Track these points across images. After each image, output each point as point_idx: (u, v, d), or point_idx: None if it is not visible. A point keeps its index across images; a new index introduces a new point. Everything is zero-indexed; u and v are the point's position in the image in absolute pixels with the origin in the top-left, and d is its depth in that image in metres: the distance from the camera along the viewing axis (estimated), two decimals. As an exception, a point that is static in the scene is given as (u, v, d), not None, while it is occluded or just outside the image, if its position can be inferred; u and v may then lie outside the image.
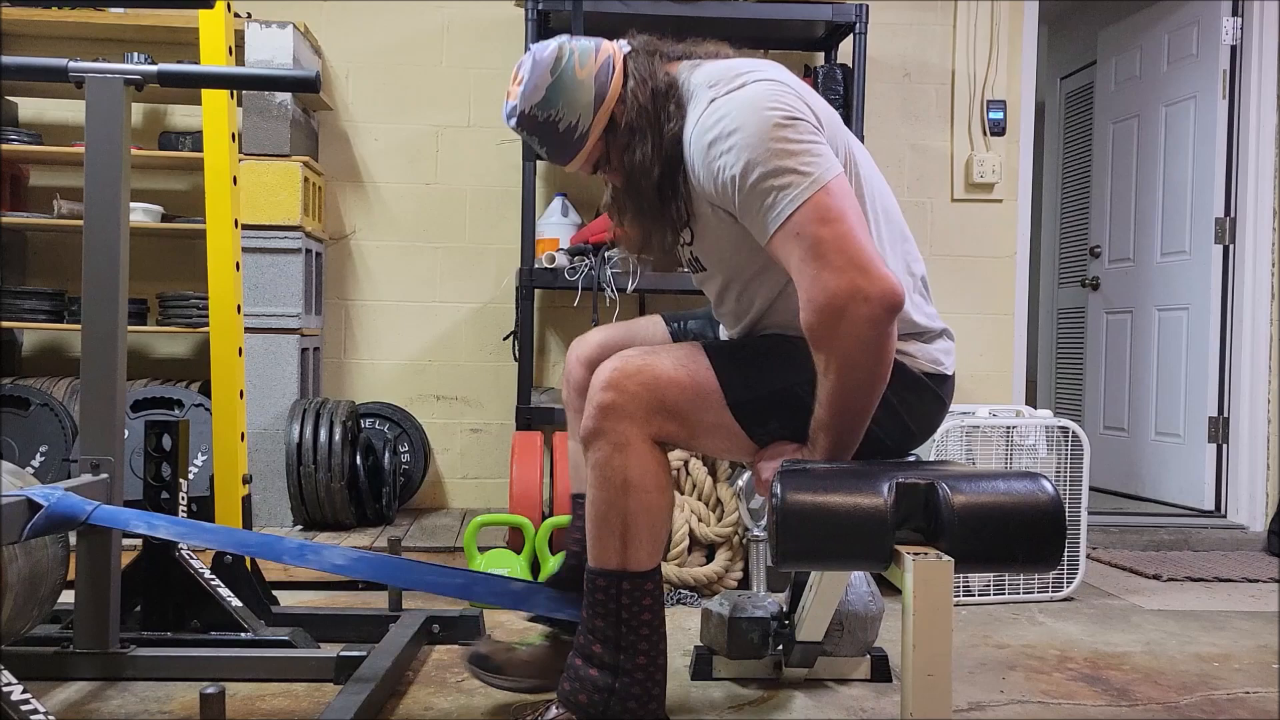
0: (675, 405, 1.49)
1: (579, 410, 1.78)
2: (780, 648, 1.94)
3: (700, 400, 1.50)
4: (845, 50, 3.40)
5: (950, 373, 1.62)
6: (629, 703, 1.52)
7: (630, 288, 3.00)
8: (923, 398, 1.58)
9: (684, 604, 2.62)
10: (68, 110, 3.51)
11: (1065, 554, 2.75)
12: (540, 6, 3.14)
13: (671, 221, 1.56)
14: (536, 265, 3.08)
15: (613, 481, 1.47)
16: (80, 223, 2.04)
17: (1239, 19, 3.83)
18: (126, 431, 2.42)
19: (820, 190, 1.36)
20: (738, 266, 1.58)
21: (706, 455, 1.79)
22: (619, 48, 1.59)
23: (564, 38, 1.58)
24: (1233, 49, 3.84)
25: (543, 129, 1.55)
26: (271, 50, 3.11)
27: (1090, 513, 2.88)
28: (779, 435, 1.54)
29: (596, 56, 1.54)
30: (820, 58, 3.66)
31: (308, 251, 3.25)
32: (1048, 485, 1.35)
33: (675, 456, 2.60)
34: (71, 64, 1.86)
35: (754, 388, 1.52)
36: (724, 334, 1.82)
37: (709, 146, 1.42)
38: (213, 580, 2.06)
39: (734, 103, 1.42)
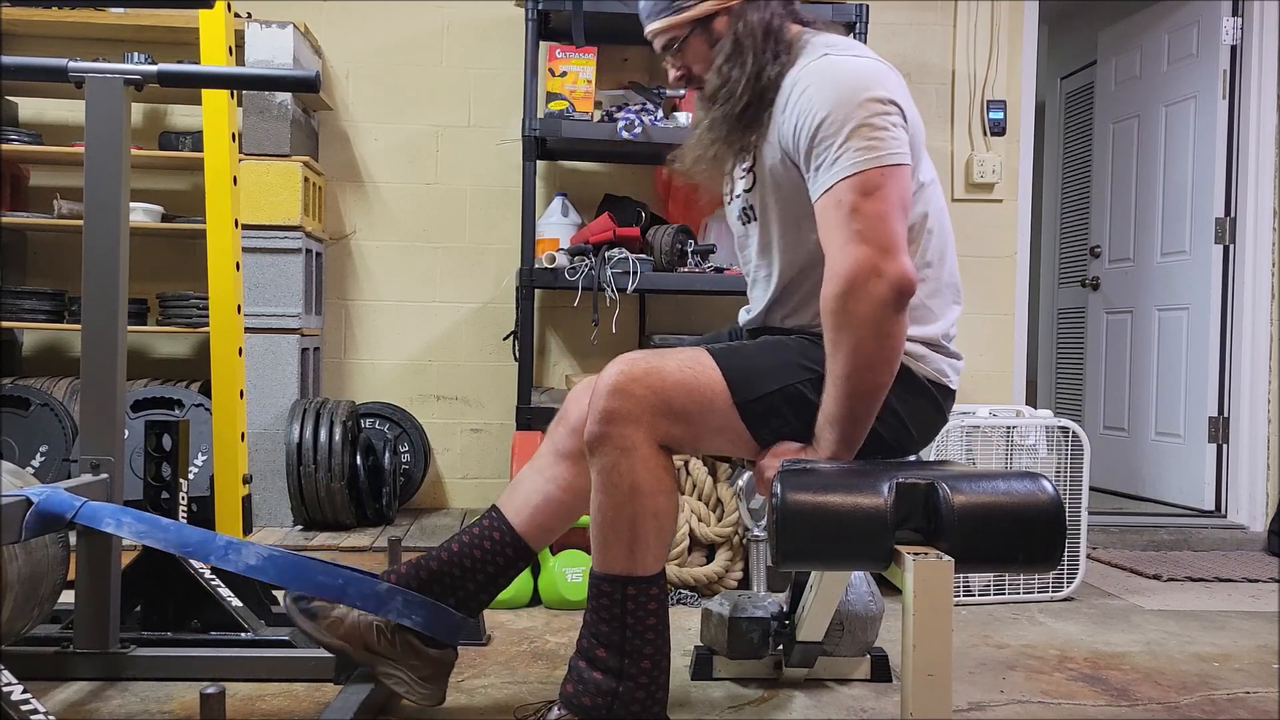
0: (681, 409, 1.49)
1: (562, 440, 1.72)
2: (780, 648, 1.94)
3: (706, 403, 1.51)
4: (845, 50, 3.40)
5: (953, 388, 1.64)
6: (632, 707, 1.52)
7: (630, 288, 3.00)
8: (923, 403, 1.60)
9: (684, 604, 2.62)
10: (68, 110, 3.51)
11: (1065, 554, 2.75)
12: (540, 6, 3.13)
13: (739, 149, 1.60)
14: (536, 265, 3.08)
15: (619, 487, 1.47)
16: (80, 223, 2.04)
17: (1239, 19, 3.83)
18: (126, 431, 2.42)
19: (879, 168, 1.42)
20: (784, 225, 1.61)
21: (708, 456, 1.79)
22: None
23: None
24: (1233, 49, 3.84)
25: None
26: (271, 50, 3.11)
27: (1090, 513, 2.88)
28: (782, 434, 1.55)
29: None
30: (820, 58, 3.65)
31: (308, 251, 3.25)
32: (1048, 485, 1.35)
33: (675, 457, 2.60)
34: (71, 64, 1.86)
35: (759, 387, 1.53)
36: (742, 317, 1.83)
37: (808, 88, 1.49)
38: (213, 580, 2.06)
39: (847, 66, 1.50)
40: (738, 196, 1.70)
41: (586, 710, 1.52)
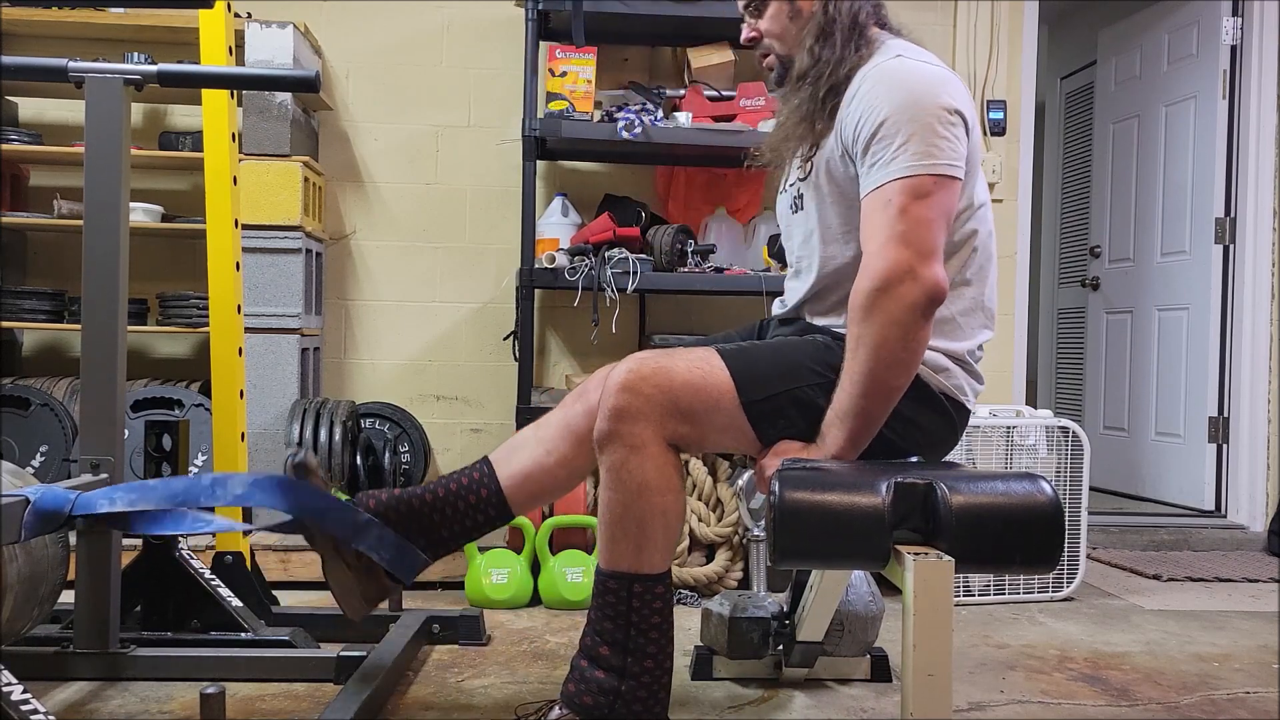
0: (689, 408, 1.51)
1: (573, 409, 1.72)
2: (780, 648, 1.94)
3: (713, 402, 1.52)
4: (845, 50, 3.40)
5: (969, 407, 1.64)
6: (634, 705, 1.52)
7: (630, 288, 3.00)
8: (936, 417, 1.60)
9: (684, 604, 2.62)
10: (68, 110, 3.51)
11: (1065, 554, 2.75)
12: (540, 6, 3.13)
13: (813, 134, 1.62)
14: (536, 265, 3.08)
15: (628, 485, 1.48)
16: (80, 223, 2.04)
17: (1239, 19, 3.83)
18: (126, 431, 2.42)
19: (933, 175, 1.45)
20: (830, 221, 1.63)
21: (711, 453, 1.80)
22: None
23: None
24: (1233, 49, 3.84)
25: None
26: (271, 50, 3.11)
27: (1090, 513, 2.88)
28: (786, 434, 1.56)
29: None
30: (820, 58, 3.65)
31: (308, 251, 3.25)
32: (1046, 487, 1.35)
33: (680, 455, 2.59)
34: (71, 64, 1.86)
35: (766, 388, 1.54)
36: (775, 309, 1.84)
37: (876, 85, 1.52)
38: (213, 580, 2.06)
39: (918, 70, 1.53)
40: (791, 185, 1.72)
41: (588, 709, 1.52)
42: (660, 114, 3.17)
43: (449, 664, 2.10)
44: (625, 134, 3.03)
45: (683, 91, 3.29)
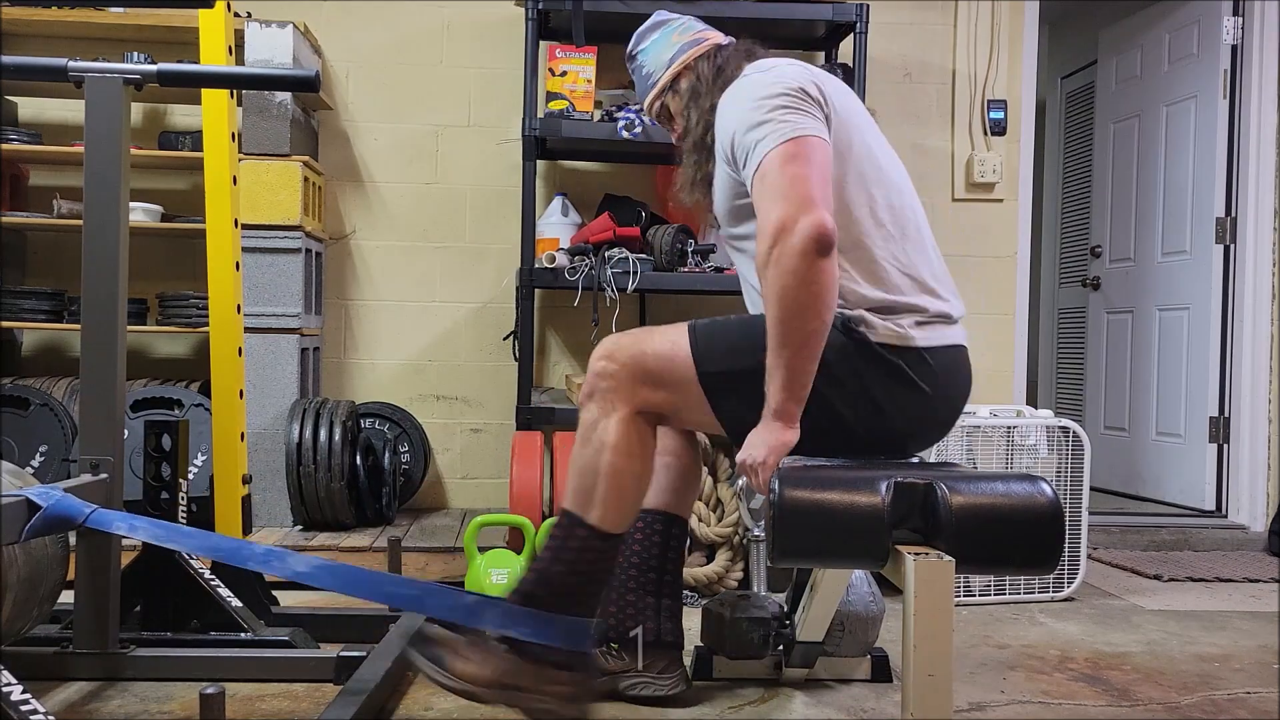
0: (658, 374, 1.63)
1: None
2: (780, 648, 1.93)
3: (680, 372, 1.63)
4: (846, 50, 3.40)
5: (919, 345, 1.61)
6: (526, 590, 1.60)
7: (630, 288, 3.00)
8: (881, 370, 1.59)
9: (684, 604, 2.61)
10: (68, 110, 3.51)
11: (1065, 554, 2.75)
12: (540, 6, 3.13)
13: (708, 178, 1.81)
14: (536, 265, 3.08)
15: (593, 442, 1.62)
16: (80, 222, 2.04)
17: (1239, 19, 3.82)
18: (126, 431, 2.42)
19: (791, 140, 1.54)
20: (729, 225, 1.78)
21: (695, 430, 1.86)
22: (719, 37, 1.88)
23: (690, 17, 1.92)
24: (1233, 49, 3.83)
25: (634, 67, 1.91)
26: (271, 50, 3.11)
27: (1091, 513, 2.88)
28: (740, 412, 1.61)
29: (694, 34, 1.86)
30: (821, 58, 3.65)
31: (308, 251, 3.25)
32: (1047, 488, 1.35)
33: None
34: (71, 63, 1.86)
35: (721, 361, 1.63)
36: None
37: (725, 107, 1.68)
38: (212, 580, 2.06)
39: (753, 80, 1.66)
40: (712, 211, 1.85)
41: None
42: (660, 114, 3.16)
43: (449, 664, 2.09)
44: (625, 134, 3.03)
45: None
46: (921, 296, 1.65)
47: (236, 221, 2.32)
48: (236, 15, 3.08)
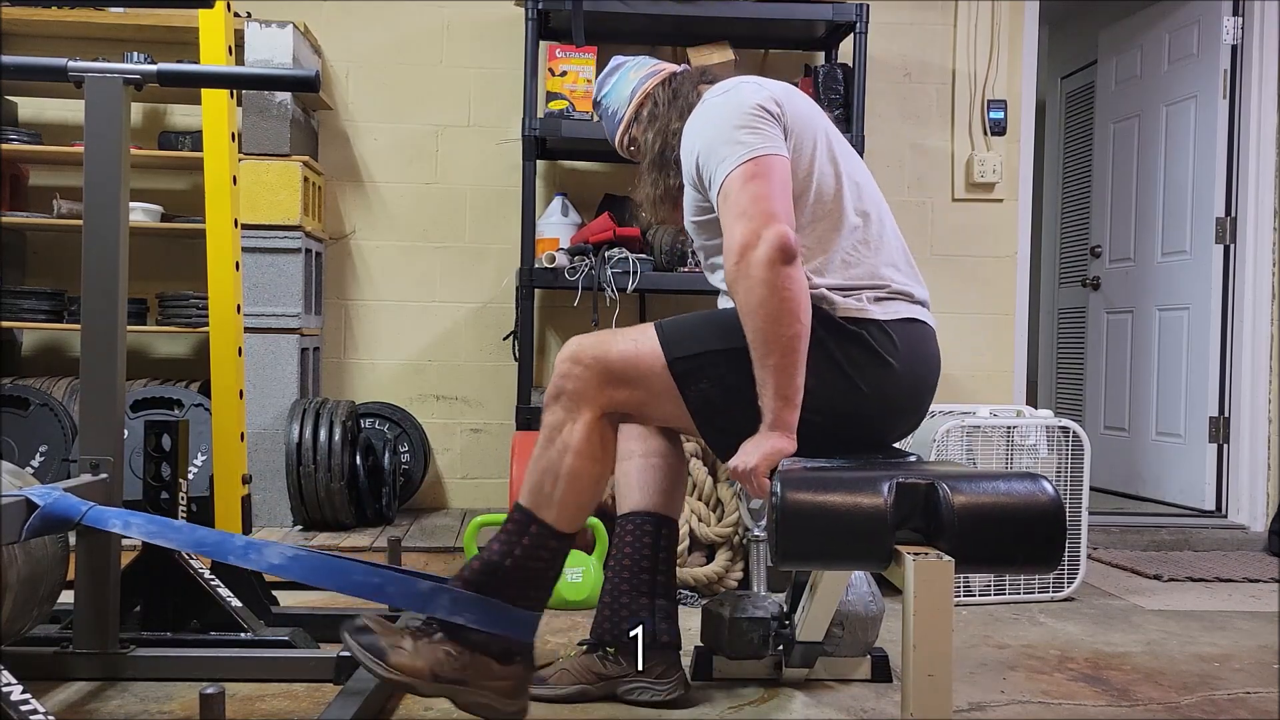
0: (623, 373, 1.66)
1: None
2: (780, 648, 1.93)
3: (647, 367, 1.67)
4: (846, 50, 3.40)
5: (878, 317, 1.66)
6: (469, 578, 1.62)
7: (630, 288, 3.00)
8: (844, 338, 1.64)
9: (684, 604, 2.61)
10: (68, 110, 3.51)
11: (1066, 554, 2.75)
12: (540, 6, 3.13)
13: (669, 196, 1.88)
14: (536, 265, 3.08)
15: (556, 444, 1.65)
16: (80, 222, 2.04)
17: (1239, 19, 3.82)
18: (126, 431, 2.41)
19: (751, 160, 1.60)
20: (701, 240, 1.84)
21: (662, 425, 1.87)
22: (674, 67, 1.96)
23: (643, 56, 2.02)
24: (1233, 49, 3.83)
25: (600, 111, 1.99)
26: (271, 50, 3.11)
27: (1091, 513, 2.88)
28: (709, 396, 1.66)
29: (649, 68, 1.95)
30: (820, 57, 3.65)
31: (307, 251, 3.25)
32: (1048, 486, 1.35)
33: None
34: (71, 63, 1.86)
35: (687, 346, 1.67)
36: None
37: (690, 132, 1.74)
38: (212, 580, 2.06)
39: (714, 103, 1.73)
40: (688, 227, 1.90)
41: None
42: (660, 114, 3.16)
43: (449, 664, 2.09)
44: (625, 134, 3.03)
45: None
46: (880, 278, 1.71)
47: (236, 221, 2.32)
48: (236, 15, 3.08)
